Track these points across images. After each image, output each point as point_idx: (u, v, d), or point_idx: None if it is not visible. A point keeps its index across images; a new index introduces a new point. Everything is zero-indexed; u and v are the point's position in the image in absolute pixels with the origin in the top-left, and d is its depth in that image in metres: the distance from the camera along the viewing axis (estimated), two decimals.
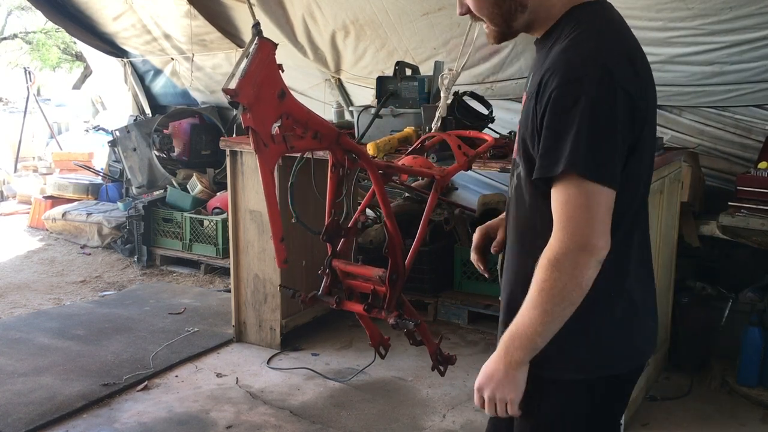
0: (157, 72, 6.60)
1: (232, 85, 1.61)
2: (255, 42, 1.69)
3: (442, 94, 3.27)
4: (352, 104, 5.24)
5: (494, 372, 1.47)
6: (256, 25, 1.78)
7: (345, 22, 4.63)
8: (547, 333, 1.39)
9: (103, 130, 8.82)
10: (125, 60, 6.62)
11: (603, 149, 1.32)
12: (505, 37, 1.54)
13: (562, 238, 1.34)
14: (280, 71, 1.71)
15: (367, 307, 1.98)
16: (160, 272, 5.55)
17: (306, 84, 5.48)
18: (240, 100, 1.61)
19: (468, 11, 1.53)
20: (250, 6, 4.36)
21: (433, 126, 3.24)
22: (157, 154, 6.14)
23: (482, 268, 1.88)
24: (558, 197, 1.36)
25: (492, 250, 1.81)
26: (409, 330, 2.03)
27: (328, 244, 2.03)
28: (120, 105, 7.24)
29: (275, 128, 1.74)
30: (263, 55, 1.67)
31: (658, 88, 1.53)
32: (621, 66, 1.34)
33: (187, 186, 5.93)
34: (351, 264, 2.05)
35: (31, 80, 9.55)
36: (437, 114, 3.24)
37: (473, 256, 1.88)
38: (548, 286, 1.35)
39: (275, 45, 1.71)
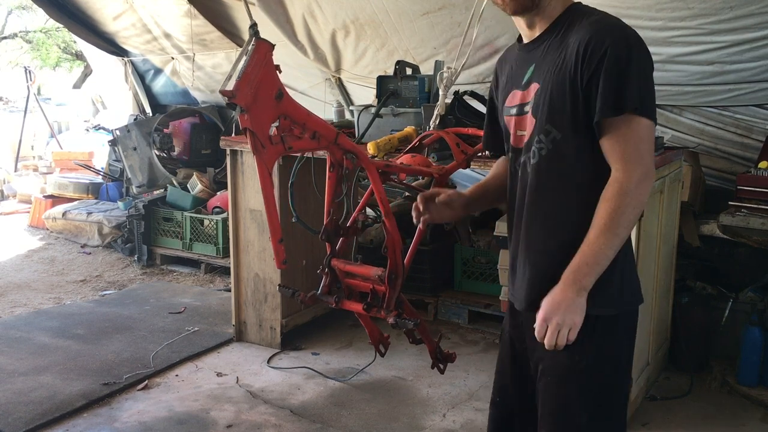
0: (158, 71, 6.60)
1: (230, 86, 1.61)
2: (252, 43, 1.69)
3: (440, 93, 3.27)
4: (352, 104, 5.24)
5: (562, 300, 1.59)
6: (253, 26, 1.78)
7: (345, 22, 4.63)
8: (611, 256, 1.59)
9: (104, 129, 8.83)
10: (125, 59, 6.62)
11: (652, 95, 1.61)
12: (525, 8, 1.68)
13: (630, 168, 1.57)
14: (277, 72, 1.71)
15: (366, 307, 1.98)
16: (161, 271, 5.56)
17: (306, 83, 5.48)
18: (237, 101, 1.61)
19: None
20: (247, 6, 4.35)
21: (431, 124, 3.24)
22: (158, 153, 6.14)
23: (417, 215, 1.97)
24: (621, 133, 1.58)
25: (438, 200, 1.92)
26: (408, 329, 2.03)
27: (327, 243, 2.03)
28: (120, 104, 7.24)
29: (273, 129, 1.74)
30: (260, 56, 1.67)
31: (658, 88, 1.73)
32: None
33: (188, 185, 5.93)
34: (350, 263, 2.05)
35: (31, 79, 9.55)
36: (435, 112, 3.24)
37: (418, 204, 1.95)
38: (620, 212, 1.55)
39: (272, 46, 1.70)
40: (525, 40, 1.77)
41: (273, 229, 1.79)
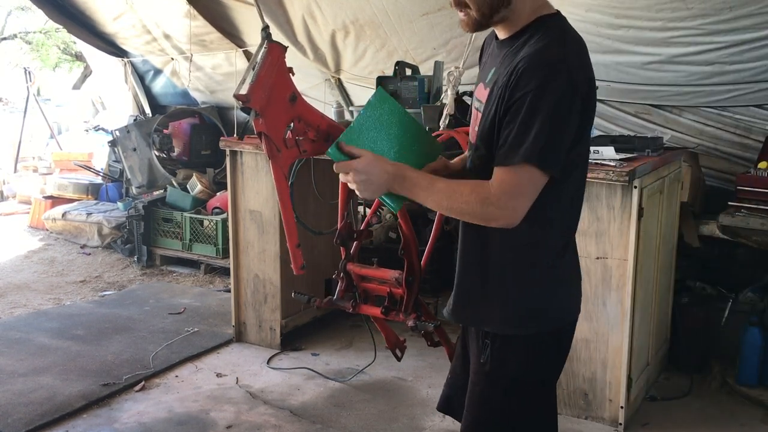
0: (157, 72, 6.59)
1: (243, 90, 1.60)
2: (264, 46, 1.67)
3: (448, 93, 3.26)
4: (352, 104, 5.24)
5: (381, 169, 1.59)
6: (266, 29, 1.77)
7: (345, 22, 4.63)
8: (425, 200, 1.61)
9: (103, 130, 8.79)
10: (125, 60, 6.61)
11: (555, 144, 1.53)
12: (480, 27, 1.69)
13: (505, 197, 1.56)
14: (290, 74, 1.70)
15: (384, 310, 1.97)
16: (160, 272, 5.55)
17: (306, 84, 5.47)
18: (252, 105, 1.60)
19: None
20: (259, 8, 4.35)
21: (441, 124, 3.24)
22: (157, 154, 6.14)
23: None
24: (512, 170, 1.56)
25: None
26: (427, 331, 2.02)
27: (341, 247, 2.01)
28: (120, 105, 7.23)
29: (287, 132, 1.73)
30: (273, 58, 1.66)
31: (658, 88, 1.70)
32: (581, 74, 1.56)
33: (187, 186, 5.93)
34: (366, 267, 2.03)
35: (30, 80, 9.53)
36: (445, 112, 3.24)
37: None
38: (464, 203, 1.57)
39: (285, 48, 1.70)
40: (499, 37, 1.73)
41: (290, 233, 1.78)
